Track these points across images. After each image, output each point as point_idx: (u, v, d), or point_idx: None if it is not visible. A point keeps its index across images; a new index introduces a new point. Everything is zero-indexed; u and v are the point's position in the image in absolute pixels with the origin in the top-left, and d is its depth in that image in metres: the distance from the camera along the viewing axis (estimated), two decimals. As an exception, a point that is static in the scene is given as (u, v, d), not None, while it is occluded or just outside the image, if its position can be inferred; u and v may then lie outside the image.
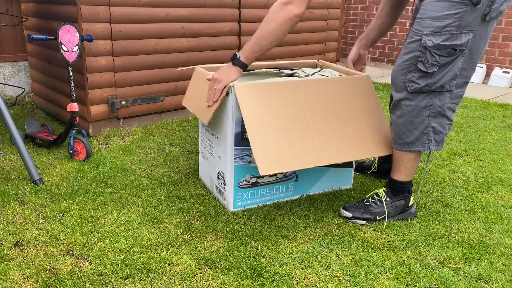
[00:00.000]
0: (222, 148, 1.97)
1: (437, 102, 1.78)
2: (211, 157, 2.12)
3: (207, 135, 2.13)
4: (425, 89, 1.77)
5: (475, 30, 1.70)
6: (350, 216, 1.92)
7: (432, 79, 1.75)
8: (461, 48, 1.71)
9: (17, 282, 1.47)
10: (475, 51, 1.75)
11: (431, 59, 1.73)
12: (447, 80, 1.76)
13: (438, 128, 1.83)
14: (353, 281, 1.52)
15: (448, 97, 1.79)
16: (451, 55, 1.72)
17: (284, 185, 2.08)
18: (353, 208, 1.94)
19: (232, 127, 1.87)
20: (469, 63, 1.77)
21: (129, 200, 2.05)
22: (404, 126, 1.85)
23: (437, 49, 1.71)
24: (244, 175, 1.97)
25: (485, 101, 4.22)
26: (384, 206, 1.91)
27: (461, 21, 1.66)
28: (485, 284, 1.54)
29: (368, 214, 1.91)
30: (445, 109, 1.80)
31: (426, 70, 1.74)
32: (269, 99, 1.85)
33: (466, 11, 1.65)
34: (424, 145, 1.85)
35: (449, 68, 1.74)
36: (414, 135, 1.84)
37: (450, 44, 1.69)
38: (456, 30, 1.68)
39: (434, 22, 1.70)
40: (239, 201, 1.99)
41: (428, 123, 1.81)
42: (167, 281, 1.50)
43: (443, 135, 1.85)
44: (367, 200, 1.96)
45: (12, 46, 3.65)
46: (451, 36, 1.69)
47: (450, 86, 1.77)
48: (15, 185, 2.15)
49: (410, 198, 1.95)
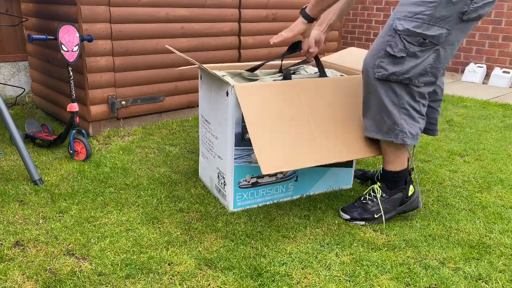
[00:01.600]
0: (222, 148, 1.97)
1: (406, 95, 1.76)
2: (211, 157, 2.12)
3: (207, 135, 2.13)
4: (392, 78, 1.74)
5: (450, 28, 1.66)
6: (348, 218, 1.92)
7: (401, 68, 1.71)
8: (432, 41, 1.68)
9: (17, 282, 1.47)
10: (450, 51, 1.72)
11: (400, 44, 1.70)
12: (416, 74, 1.72)
13: (410, 121, 1.79)
14: (353, 281, 1.52)
15: (417, 92, 1.76)
16: (421, 45, 1.68)
17: (284, 185, 2.08)
18: (351, 209, 1.93)
19: (232, 127, 1.87)
20: (442, 62, 1.74)
21: (129, 200, 2.05)
22: (376, 115, 1.82)
23: (407, 35, 1.68)
24: (244, 175, 1.97)
25: (485, 101, 4.22)
26: (379, 204, 1.90)
27: (434, 11, 1.63)
28: (485, 284, 1.54)
29: (366, 214, 1.90)
30: (416, 103, 1.77)
31: (395, 54, 1.70)
32: (269, 98, 1.85)
33: (441, 3, 1.62)
34: (398, 137, 1.80)
35: (420, 61, 1.70)
36: (387, 125, 1.80)
37: (420, 33, 1.66)
38: (428, 20, 1.65)
39: (408, 7, 1.69)
40: (239, 201, 1.99)
41: (399, 114, 1.78)
42: (167, 281, 1.50)
43: (417, 129, 1.81)
44: (364, 198, 1.94)
45: (12, 46, 3.64)
46: (422, 25, 1.66)
47: (418, 82, 1.74)
48: (15, 185, 2.15)
49: (409, 188, 1.91)
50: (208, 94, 2.08)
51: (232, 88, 1.81)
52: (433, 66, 1.73)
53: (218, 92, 1.95)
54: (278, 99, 1.86)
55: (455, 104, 4.10)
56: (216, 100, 1.98)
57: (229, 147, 1.91)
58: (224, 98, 1.87)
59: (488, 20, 5.17)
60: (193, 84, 3.27)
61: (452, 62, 5.57)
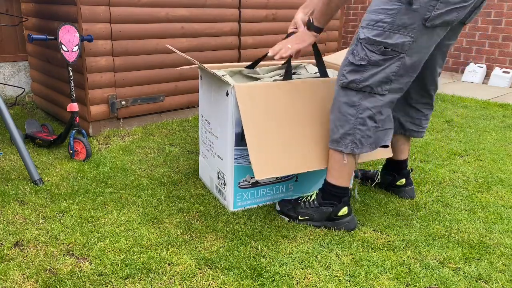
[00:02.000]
0: (222, 148, 1.97)
1: (367, 103, 1.70)
2: (211, 157, 2.12)
3: (207, 135, 2.13)
4: (352, 86, 1.70)
5: (415, 35, 1.61)
6: (278, 210, 1.96)
7: (360, 76, 1.68)
8: (394, 49, 1.63)
9: (17, 282, 1.47)
10: (417, 59, 1.67)
11: (361, 53, 1.67)
12: (377, 82, 1.68)
13: (365, 132, 1.74)
14: (353, 281, 1.52)
15: (380, 100, 1.71)
16: (383, 54, 1.64)
17: (284, 185, 2.08)
18: (285, 203, 1.95)
19: (232, 127, 1.87)
20: (409, 71, 1.69)
21: (129, 200, 2.05)
22: (333, 123, 1.79)
23: (368, 43, 1.65)
24: (244, 175, 1.97)
25: (485, 101, 4.22)
26: (309, 208, 1.88)
27: (394, 18, 1.59)
28: (485, 284, 1.54)
29: (292, 212, 1.90)
30: (375, 113, 1.72)
31: (355, 62, 1.68)
32: (268, 100, 1.85)
33: (400, 10, 1.58)
34: (347, 146, 1.76)
35: (381, 69, 1.66)
36: (339, 133, 1.76)
37: (381, 41, 1.63)
38: (389, 28, 1.61)
39: (371, 15, 1.66)
40: (239, 201, 1.99)
41: (354, 124, 1.73)
42: (167, 281, 1.50)
43: (371, 140, 1.75)
44: (301, 199, 1.94)
45: (12, 46, 3.65)
46: (383, 33, 1.62)
47: (382, 90, 1.69)
48: (15, 185, 2.15)
49: (342, 208, 1.84)
50: (208, 94, 2.08)
51: (232, 88, 1.81)
52: (398, 74, 1.68)
53: (218, 92, 1.95)
54: (277, 101, 1.86)
55: (455, 104, 4.10)
56: (216, 100, 1.98)
57: (229, 147, 1.91)
58: (224, 98, 1.87)
59: (488, 20, 5.17)
60: (193, 84, 3.27)
61: (452, 62, 5.57)
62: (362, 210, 2.02)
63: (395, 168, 2.16)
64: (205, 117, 2.14)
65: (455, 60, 5.54)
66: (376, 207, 2.05)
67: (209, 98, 2.07)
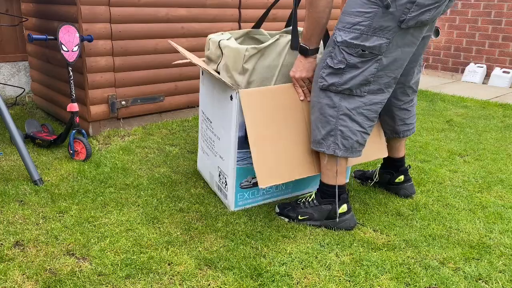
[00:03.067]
0: (225, 150, 1.96)
1: (346, 104, 1.72)
2: (212, 155, 2.11)
3: (208, 132, 2.12)
4: (332, 89, 1.71)
5: (391, 37, 1.63)
6: (277, 212, 1.96)
7: (339, 79, 1.69)
8: (372, 52, 1.64)
9: (17, 282, 1.47)
10: (392, 59, 1.68)
11: (339, 55, 1.68)
12: (356, 84, 1.69)
13: (346, 133, 1.75)
14: (353, 281, 1.52)
15: (360, 102, 1.72)
16: (361, 56, 1.65)
17: (284, 184, 2.08)
18: (285, 205, 1.96)
19: (235, 131, 1.86)
20: (386, 71, 1.70)
21: (129, 200, 2.05)
22: (314, 124, 1.80)
23: (346, 46, 1.66)
24: (246, 176, 1.96)
25: (485, 101, 4.22)
26: (309, 208, 1.89)
27: (371, 21, 1.61)
28: (485, 284, 1.54)
29: (292, 213, 1.91)
30: (355, 114, 1.73)
31: (333, 66, 1.69)
32: (273, 104, 1.84)
33: (377, 13, 1.60)
34: (329, 148, 1.77)
35: (360, 72, 1.67)
36: (321, 134, 1.78)
37: (358, 44, 1.63)
38: (366, 30, 1.62)
39: (347, 17, 1.66)
40: (240, 200, 1.99)
41: (336, 126, 1.75)
42: (167, 281, 1.50)
43: (353, 141, 1.76)
44: (300, 200, 1.95)
45: (12, 46, 3.64)
46: (361, 36, 1.63)
47: (361, 92, 1.71)
48: (15, 185, 2.15)
49: (341, 205, 1.84)
50: (210, 93, 2.07)
51: (237, 93, 1.79)
52: (377, 75, 1.69)
53: (221, 94, 1.94)
54: (281, 105, 1.85)
55: (455, 104, 4.10)
56: (219, 102, 1.97)
57: (232, 149, 1.90)
58: (228, 101, 1.87)
59: (488, 20, 5.17)
60: (193, 84, 3.27)
61: (452, 62, 5.57)
62: (362, 210, 2.02)
63: (393, 166, 2.17)
64: (207, 115, 2.13)
65: (455, 60, 5.54)
66: (376, 207, 2.05)
67: (211, 97, 2.06)
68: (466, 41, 5.41)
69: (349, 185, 2.27)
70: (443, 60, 5.65)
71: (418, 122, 3.45)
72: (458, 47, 5.49)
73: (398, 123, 2.03)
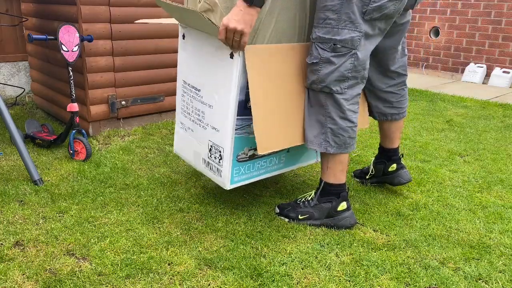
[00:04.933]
0: (220, 118, 1.75)
1: (331, 103, 1.73)
2: (200, 129, 1.90)
3: (196, 103, 1.89)
4: (314, 87, 1.73)
5: (363, 30, 1.64)
6: (277, 212, 1.95)
7: (317, 77, 1.70)
8: (345, 46, 1.64)
9: (17, 282, 1.47)
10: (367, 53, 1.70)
11: (314, 52, 1.69)
12: (333, 81, 1.69)
13: (337, 131, 1.76)
14: (353, 281, 1.52)
15: (343, 99, 1.73)
16: (334, 50, 1.65)
17: (277, 157, 2.00)
18: (283, 206, 1.95)
19: (235, 94, 1.66)
20: (363, 65, 1.71)
21: (129, 200, 2.05)
22: (306, 122, 1.82)
23: (320, 42, 1.67)
24: (242, 148, 1.82)
25: (485, 101, 4.22)
26: (309, 207, 1.89)
27: (339, 14, 1.61)
28: (485, 284, 1.54)
29: (292, 213, 1.90)
30: (342, 112, 1.74)
31: (309, 62, 1.71)
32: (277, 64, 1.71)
33: (342, 4, 1.60)
34: (321, 146, 1.78)
35: (335, 67, 1.67)
36: (312, 133, 1.79)
37: (330, 38, 1.64)
38: (336, 24, 1.62)
39: (319, 13, 1.67)
40: (236, 176, 1.86)
41: (325, 123, 1.76)
42: (167, 281, 1.50)
43: (345, 138, 1.77)
44: (299, 200, 1.95)
45: (12, 46, 3.64)
46: (332, 30, 1.64)
47: (341, 89, 1.71)
48: (15, 185, 2.15)
49: (340, 203, 1.85)
50: (197, 57, 1.84)
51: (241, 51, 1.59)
52: (354, 70, 1.70)
53: (215, 54, 1.72)
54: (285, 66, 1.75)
55: (455, 104, 4.10)
56: (212, 64, 1.75)
57: (230, 117, 1.70)
58: (226, 62, 1.66)
59: (488, 20, 5.17)
60: (193, 84, 3.27)
61: (452, 62, 5.57)
62: (362, 210, 2.02)
63: (385, 156, 2.18)
64: (191, 83, 1.90)
65: (455, 60, 5.54)
66: (376, 207, 2.05)
67: (198, 61, 1.83)
68: (466, 41, 5.41)
69: (349, 185, 2.27)
70: (443, 60, 5.65)
71: (418, 122, 3.45)
72: (458, 47, 5.49)
73: (385, 104, 2.05)
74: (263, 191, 2.19)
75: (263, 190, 2.21)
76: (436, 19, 5.63)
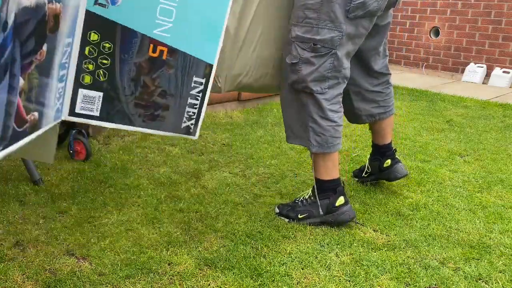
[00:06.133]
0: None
1: (312, 103, 1.72)
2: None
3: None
4: (295, 87, 1.72)
5: (343, 29, 1.62)
6: (277, 212, 1.95)
7: (297, 77, 1.69)
8: (325, 46, 1.62)
9: (17, 282, 1.47)
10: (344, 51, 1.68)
11: (294, 51, 1.67)
12: (313, 81, 1.68)
13: (318, 130, 1.75)
14: (353, 281, 1.52)
15: (323, 99, 1.72)
16: (313, 51, 1.63)
17: None
18: (284, 206, 1.96)
19: None
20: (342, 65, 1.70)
21: (129, 200, 2.05)
22: (288, 119, 1.83)
23: (300, 41, 1.64)
24: None
25: (485, 101, 4.22)
26: (307, 205, 1.89)
27: (319, 13, 1.59)
28: (485, 284, 1.54)
29: (292, 213, 1.90)
30: (322, 111, 1.73)
31: (289, 62, 1.69)
32: None
33: (322, 2, 1.58)
34: (303, 142, 1.80)
35: (315, 68, 1.66)
36: (298, 130, 1.80)
37: (310, 38, 1.62)
38: (316, 23, 1.60)
39: (298, 11, 1.64)
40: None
41: (307, 123, 1.76)
42: (167, 281, 1.50)
43: (326, 137, 1.77)
44: (297, 199, 1.95)
45: (12, 46, 3.64)
46: (312, 29, 1.61)
47: (321, 89, 1.70)
48: (15, 185, 2.15)
49: (338, 197, 1.85)
50: None
51: None
52: (334, 70, 1.69)
53: None
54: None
55: (455, 104, 4.10)
56: None
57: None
58: None
59: (488, 20, 5.18)
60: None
61: (452, 62, 5.58)
62: (362, 210, 2.02)
63: (379, 153, 2.18)
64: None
65: (455, 60, 5.54)
66: (376, 207, 2.05)
67: None
68: (466, 41, 5.41)
69: (349, 185, 2.28)
70: (443, 60, 5.65)
71: (418, 122, 3.46)
72: (458, 47, 5.49)
73: (372, 105, 2.05)
74: (263, 191, 2.19)
75: (263, 190, 2.21)
76: (436, 19, 5.63)
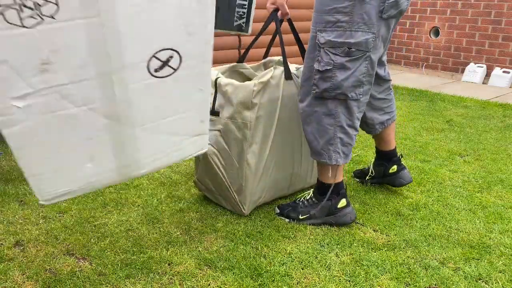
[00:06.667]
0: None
1: (343, 110, 1.68)
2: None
3: None
4: (326, 95, 1.66)
5: (376, 30, 1.58)
6: (277, 213, 1.94)
7: (331, 84, 1.64)
8: (359, 49, 1.59)
9: (17, 282, 1.47)
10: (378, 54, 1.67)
11: (325, 58, 1.62)
12: (350, 87, 1.64)
13: (346, 140, 1.72)
14: (353, 281, 1.52)
15: (355, 106, 1.69)
16: (348, 55, 1.60)
17: None
18: (283, 206, 1.95)
19: None
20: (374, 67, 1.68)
21: (129, 200, 2.05)
22: (311, 134, 1.76)
23: (330, 47, 1.60)
24: None
25: (485, 101, 4.22)
26: (309, 206, 1.88)
27: (351, 16, 1.55)
28: (485, 284, 1.54)
29: (293, 213, 1.90)
30: (352, 119, 1.70)
31: (320, 69, 1.63)
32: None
33: (354, 5, 1.55)
34: (331, 158, 1.74)
35: (350, 73, 1.62)
36: (320, 145, 1.74)
37: (343, 42, 1.58)
38: (349, 27, 1.56)
39: (325, 16, 1.60)
40: None
41: (334, 134, 1.71)
42: (167, 281, 1.50)
43: (351, 147, 1.75)
44: (298, 200, 1.94)
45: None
46: (344, 33, 1.57)
47: (356, 95, 1.66)
48: (15, 185, 2.15)
49: (340, 200, 1.85)
50: None
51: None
52: (368, 74, 1.66)
53: None
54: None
55: (455, 104, 4.10)
56: None
57: None
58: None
59: (488, 20, 5.17)
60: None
61: (452, 62, 5.58)
62: (362, 210, 2.02)
63: (385, 158, 2.17)
64: None
65: (455, 60, 5.54)
66: (376, 207, 2.05)
67: None
68: (466, 41, 5.41)
69: (349, 185, 2.27)
70: (443, 60, 5.65)
71: (418, 122, 3.45)
72: (458, 47, 5.49)
73: (379, 113, 2.05)
74: (263, 191, 2.19)
75: (263, 190, 2.21)
76: (436, 19, 5.63)
